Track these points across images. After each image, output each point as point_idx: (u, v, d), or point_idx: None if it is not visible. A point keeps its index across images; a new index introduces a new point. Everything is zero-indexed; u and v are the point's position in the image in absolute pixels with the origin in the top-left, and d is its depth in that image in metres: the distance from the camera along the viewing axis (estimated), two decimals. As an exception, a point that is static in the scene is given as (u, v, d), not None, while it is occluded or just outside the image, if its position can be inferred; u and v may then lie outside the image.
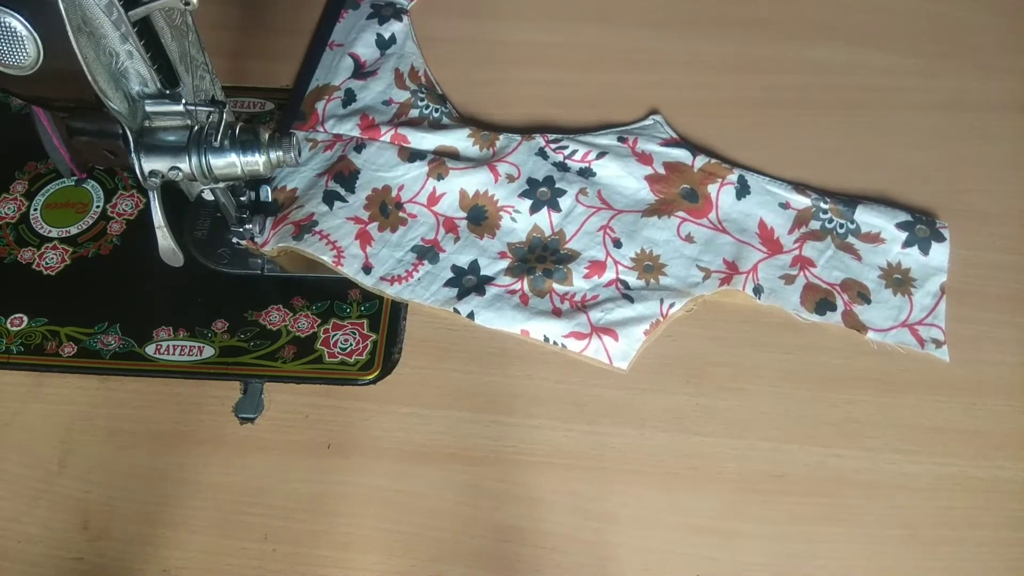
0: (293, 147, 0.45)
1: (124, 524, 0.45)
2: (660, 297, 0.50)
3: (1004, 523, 0.44)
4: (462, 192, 0.54)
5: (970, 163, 0.57)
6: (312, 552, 0.44)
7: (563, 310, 0.50)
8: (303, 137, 0.56)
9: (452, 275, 0.52)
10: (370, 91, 0.59)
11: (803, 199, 0.53)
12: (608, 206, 0.54)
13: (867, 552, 0.43)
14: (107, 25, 0.38)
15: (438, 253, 0.53)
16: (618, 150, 0.56)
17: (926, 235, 0.52)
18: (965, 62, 0.61)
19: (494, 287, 0.51)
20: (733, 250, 0.52)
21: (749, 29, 0.64)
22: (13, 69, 0.37)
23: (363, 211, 0.53)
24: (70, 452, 0.47)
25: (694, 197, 0.54)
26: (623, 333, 0.49)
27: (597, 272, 0.51)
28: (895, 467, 0.46)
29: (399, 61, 0.61)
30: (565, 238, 0.53)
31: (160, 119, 0.43)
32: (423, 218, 0.54)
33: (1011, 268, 0.52)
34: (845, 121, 0.59)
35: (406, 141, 0.56)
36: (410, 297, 0.51)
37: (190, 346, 0.50)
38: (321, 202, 0.53)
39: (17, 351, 0.50)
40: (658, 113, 0.58)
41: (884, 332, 0.49)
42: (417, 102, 0.58)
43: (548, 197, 0.54)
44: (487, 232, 0.53)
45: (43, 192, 0.57)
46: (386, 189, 0.54)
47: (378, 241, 0.53)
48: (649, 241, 0.52)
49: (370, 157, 0.55)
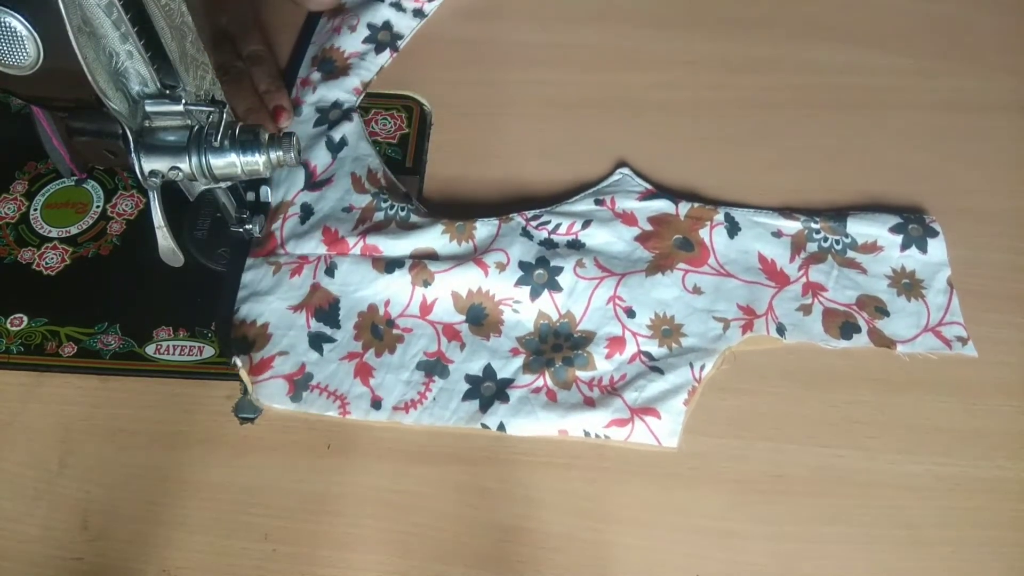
0: (293, 147, 0.45)
1: (124, 524, 0.45)
2: (688, 361, 0.48)
3: (1005, 523, 0.44)
4: (454, 294, 0.51)
5: (970, 163, 0.57)
6: (312, 552, 0.44)
7: (595, 398, 0.47)
8: (264, 262, 0.52)
9: (468, 386, 0.48)
10: (327, 200, 0.54)
11: (793, 223, 0.53)
12: (609, 272, 0.51)
13: (867, 552, 0.43)
14: (107, 25, 0.38)
15: (446, 365, 0.49)
16: (600, 215, 0.53)
17: (920, 234, 0.52)
18: (965, 62, 0.61)
19: (516, 389, 0.48)
20: (743, 293, 0.50)
21: (749, 29, 0.64)
22: (13, 69, 0.37)
23: (355, 343, 0.49)
24: (70, 452, 0.47)
25: (689, 246, 0.52)
26: (664, 409, 0.46)
27: (618, 349, 0.49)
28: (895, 467, 0.46)
29: (354, 165, 0.56)
30: (575, 319, 0.50)
31: (160, 119, 0.43)
32: (420, 330, 0.50)
33: (1011, 268, 0.52)
34: (845, 121, 0.59)
35: (378, 251, 0.52)
36: (430, 421, 0.47)
37: (190, 346, 0.50)
38: (309, 348, 0.49)
39: (17, 351, 0.50)
40: (625, 165, 0.56)
41: (911, 342, 0.49)
42: (380, 203, 0.54)
43: (546, 279, 0.51)
44: (492, 331, 0.50)
45: (43, 192, 0.57)
46: (372, 309, 0.50)
47: (379, 368, 0.49)
48: (660, 303, 0.50)
49: (345, 278, 0.51)
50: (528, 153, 0.58)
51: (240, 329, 0.50)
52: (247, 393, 0.48)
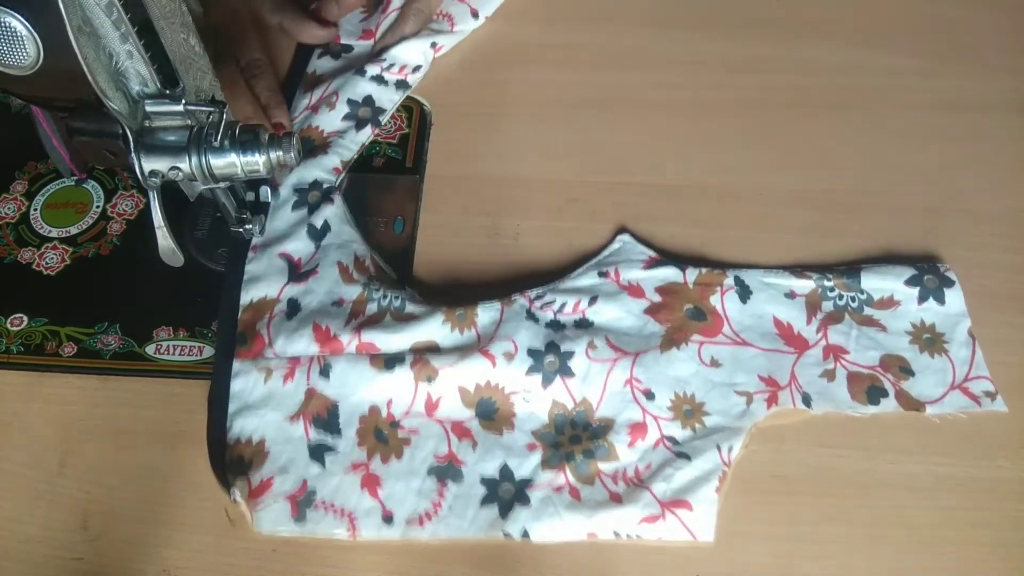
0: (293, 147, 0.45)
1: (124, 524, 0.45)
2: (715, 443, 0.45)
3: (1007, 523, 0.44)
4: (461, 389, 0.47)
5: (970, 163, 0.57)
6: (312, 552, 0.44)
7: (621, 493, 0.44)
8: (253, 366, 0.48)
9: (486, 491, 0.45)
10: (315, 294, 0.50)
11: (806, 283, 0.50)
12: (623, 351, 0.48)
13: (868, 553, 0.43)
14: (107, 25, 0.38)
15: (459, 468, 0.45)
16: (605, 289, 0.51)
17: (936, 285, 0.50)
18: (965, 62, 0.61)
19: (537, 490, 0.45)
20: (763, 362, 0.48)
21: (749, 29, 0.64)
22: (13, 69, 0.37)
23: (358, 451, 0.46)
24: (70, 452, 0.47)
25: (701, 315, 0.49)
26: (695, 500, 0.44)
27: (640, 435, 0.46)
28: (896, 467, 0.46)
29: (340, 252, 0.52)
30: (592, 406, 0.47)
31: (160, 119, 0.43)
32: (427, 431, 0.47)
33: (1011, 268, 0.52)
34: (845, 121, 0.59)
35: (375, 347, 0.48)
36: (448, 533, 0.44)
37: (190, 346, 0.50)
38: (310, 461, 0.46)
39: (17, 351, 0.50)
40: (624, 231, 0.53)
41: (939, 402, 0.47)
42: (372, 294, 0.50)
43: (558, 365, 0.47)
44: (504, 426, 0.47)
45: (43, 192, 0.57)
46: (374, 412, 0.47)
47: (387, 477, 0.45)
48: (679, 381, 0.47)
49: (342, 380, 0.47)
50: (528, 153, 0.58)
51: (235, 450, 0.46)
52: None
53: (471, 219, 0.55)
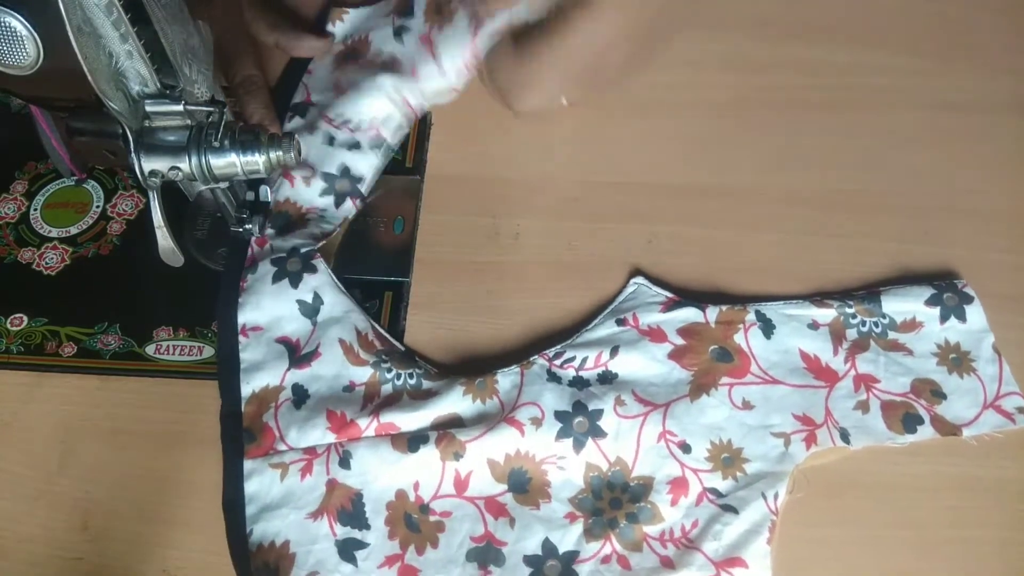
0: (293, 147, 0.45)
1: (124, 524, 0.45)
2: (760, 491, 0.44)
3: (1010, 523, 0.44)
4: (491, 462, 0.45)
5: (970, 163, 0.57)
6: (312, 552, 0.44)
7: (671, 556, 0.42)
8: (266, 464, 0.45)
9: (531, 570, 0.42)
10: (322, 379, 0.47)
11: (827, 311, 0.49)
12: (652, 404, 0.46)
13: (872, 553, 0.43)
14: (107, 25, 0.38)
15: (499, 549, 0.43)
16: (625, 337, 0.49)
17: (956, 303, 0.49)
18: (965, 62, 0.61)
19: (584, 563, 0.42)
20: (796, 399, 0.47)
21: (749, 29, 0.64)
22: (13, 69, 0.37)
23: (390, 543, 0.43)
24: (70, 452, 0.47)
25: (727, 356, 0.48)
26: (748, 555, 0.42)
27: (682, 492, 0.44)
28: (900, 468, 0.45)
29: (340, 329, 0.48)
30: (627, 465, 0.45)
31: (160, 119, 0.43)
32: (460, 511, 0.44)
33: (1011, 268, 0.52)
34: (845, 121, 0.59)
35: (395, 428, 0.45)
36: None
37: (190, 346, 0.50)
38: (341, 561, 0.42)
39: (17, 351, 0.50)
40: (639, 274, 0.52)
41: (974, 423, 0.46)
42: (384, 375, 0.47)
43: (587, 426, 0.45)
44: (540, 497, 0.45)
45: (43, 192, 0.57)
46: (401, 497, 0.44)
47: (425, 569, 0.42)
48: (713, 429, 0.46)
49: (363, 467, 0.44)
50: (529, 153, 0.58)
51: (259, 556, 0.43)
52: None
53: (471, 219, 0.55)
